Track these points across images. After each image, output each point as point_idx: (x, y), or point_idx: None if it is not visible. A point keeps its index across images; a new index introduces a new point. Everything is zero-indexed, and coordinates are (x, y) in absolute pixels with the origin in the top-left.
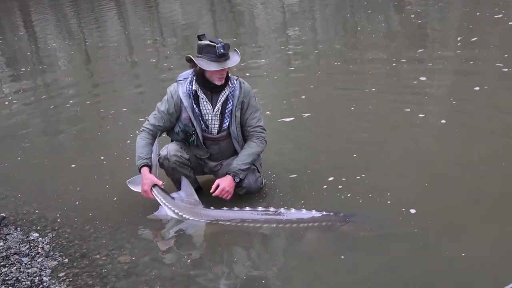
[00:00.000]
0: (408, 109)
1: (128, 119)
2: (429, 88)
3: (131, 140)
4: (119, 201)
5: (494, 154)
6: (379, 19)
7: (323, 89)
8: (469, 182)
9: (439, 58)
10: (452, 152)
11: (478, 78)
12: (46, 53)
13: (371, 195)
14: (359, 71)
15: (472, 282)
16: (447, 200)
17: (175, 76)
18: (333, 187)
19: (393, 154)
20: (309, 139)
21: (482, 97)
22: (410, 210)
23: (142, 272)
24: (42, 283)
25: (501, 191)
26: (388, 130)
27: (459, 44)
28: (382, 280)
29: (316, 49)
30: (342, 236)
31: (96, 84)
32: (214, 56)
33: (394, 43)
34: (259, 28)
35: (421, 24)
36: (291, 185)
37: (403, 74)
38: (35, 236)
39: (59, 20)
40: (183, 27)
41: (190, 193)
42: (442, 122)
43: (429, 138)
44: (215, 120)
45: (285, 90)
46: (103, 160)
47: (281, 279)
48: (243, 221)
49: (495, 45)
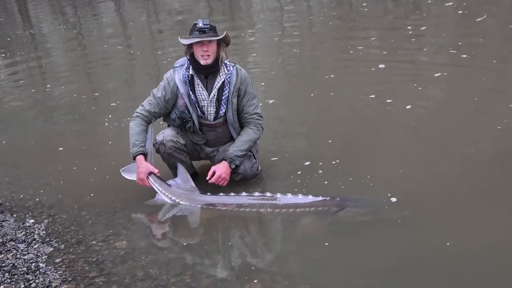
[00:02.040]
0: (390, 100)
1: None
2: (410, 76)
3: (126, 124)
4: (115, 187)
5: (478, 141)
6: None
7: (302, 76)
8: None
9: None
10: (432, 137)
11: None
12: (41, 38)
13: (352, 179)
14: (344, 58)
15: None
16: (431, 187)
17: (169, 54)
18: (312, 171)
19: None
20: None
21: (461, 83)
22: (391, 198)
23: (138, 257)
24: (39, 269)
25: (486, 177)
26: (367, 118)
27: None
28: (378, 265)
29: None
30: (338, 221)
31: (89, 67)
32: (196, 32)
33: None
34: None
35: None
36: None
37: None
38: (31, 222)
39: (54, 5)
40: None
41: (186, 180)
42: (422, 110)
43: (410, 124)
44: (211, 107)
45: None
46: (100, 145)
47: (277, 264)
48: (240, 206)
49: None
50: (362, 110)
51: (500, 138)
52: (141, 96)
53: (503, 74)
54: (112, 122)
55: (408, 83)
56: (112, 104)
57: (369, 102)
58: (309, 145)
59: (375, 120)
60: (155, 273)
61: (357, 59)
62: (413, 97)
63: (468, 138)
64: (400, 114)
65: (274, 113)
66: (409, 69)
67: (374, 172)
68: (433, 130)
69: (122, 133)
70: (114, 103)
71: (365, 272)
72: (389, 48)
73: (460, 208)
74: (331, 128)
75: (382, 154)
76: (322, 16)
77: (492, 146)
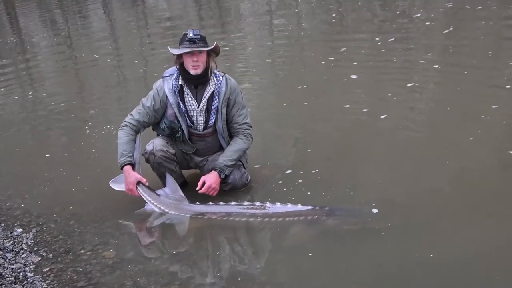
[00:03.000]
0: (366, 109)
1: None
2: (383, 86)
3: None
4: (104, 196)
5: (458, 150)
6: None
7: (281, 83)
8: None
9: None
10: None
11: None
12: (29, 44)
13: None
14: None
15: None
16: (413, 194)
17: (158, 58)
18: (292, 180)
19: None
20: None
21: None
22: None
23: (126, 267)
24: (26, 278)
25: (471, 188)
26: (345, 128)
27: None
28: (366, 274)
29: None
30: (327, 230)
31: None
32: (187, 42)
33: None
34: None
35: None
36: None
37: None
38: (19, 231)
39: (42, 8)
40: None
41: (175, 189)
42: (400, 119)
43: (390, 132)
44: (200, 117)
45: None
46: (88, 153)
47: (266, 273)
48: (229, 215)
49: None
50: (340, 120)
51: (479, 149)
52: (127, 103)
53: (475, 83)
54: (96, 128)
55: (382, 93)
56: (96, 110)
57: (347, 111)
58: (292, 153)
59: (354, 129)
60: (143, 283)
61: (330, 71)
62: (389, 107)
63: (446, 148)
64: (378, 123)
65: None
66: (383, 80)
67: (356, 181)
68: (415, 139)
69: (110, 140)
70: (100, 109)
71: (352, 282)
72: (359, 59)
73: (443, 218)
74: (312, 136)
75: (364, 163)
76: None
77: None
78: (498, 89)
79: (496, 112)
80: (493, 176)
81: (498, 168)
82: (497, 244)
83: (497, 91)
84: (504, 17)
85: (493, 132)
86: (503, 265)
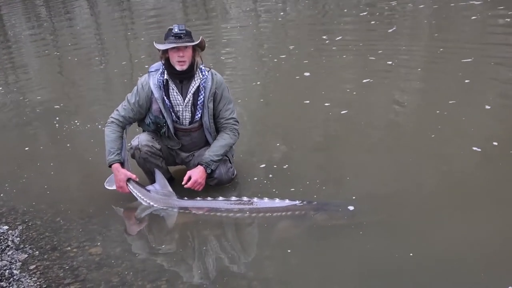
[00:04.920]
0: (344, 111)
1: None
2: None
3: (102, 128)
4: (90, 192)
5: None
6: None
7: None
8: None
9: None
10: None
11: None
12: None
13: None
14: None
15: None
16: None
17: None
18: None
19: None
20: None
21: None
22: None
23: (113, 263)
24: (13, 276)
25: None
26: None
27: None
28: (354, 269)
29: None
30: (315, 225)
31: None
32: (172, 37)
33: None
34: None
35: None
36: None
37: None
38: (4, 229)
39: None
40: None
41: (164, 185)
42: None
43: (369, 128)
44: (186, 111)
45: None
46: (74, 150)
47: (254, 268)
48: (217, 210)
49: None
50: (315, 116)
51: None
52: (112, 97)
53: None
54: (86, 125)
55: (340, 90)
56: (85, 107)
57: (321, 108)
58: (277, 149)
59: (330, 126)
60: (130, 279)
61: (284, 70)
62: (351, 101)
63: (428, 141)
64: (358, 119)
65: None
66: (342, 77)
67: (333, 178)
68: (391, 135)
69: (96, 135)
70: (87, 107)
71: (340, 277)
72: (310, 56)
73: (427, 213)
74: (289, 132)
75: (340, 158)
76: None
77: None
78: (482, 80)
79: (481, 102)
80: (476, 169)
81: (482, 162)
82: (481, 241)
83: (482, 81)
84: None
85: (476, 123)
86: (488, 262)
